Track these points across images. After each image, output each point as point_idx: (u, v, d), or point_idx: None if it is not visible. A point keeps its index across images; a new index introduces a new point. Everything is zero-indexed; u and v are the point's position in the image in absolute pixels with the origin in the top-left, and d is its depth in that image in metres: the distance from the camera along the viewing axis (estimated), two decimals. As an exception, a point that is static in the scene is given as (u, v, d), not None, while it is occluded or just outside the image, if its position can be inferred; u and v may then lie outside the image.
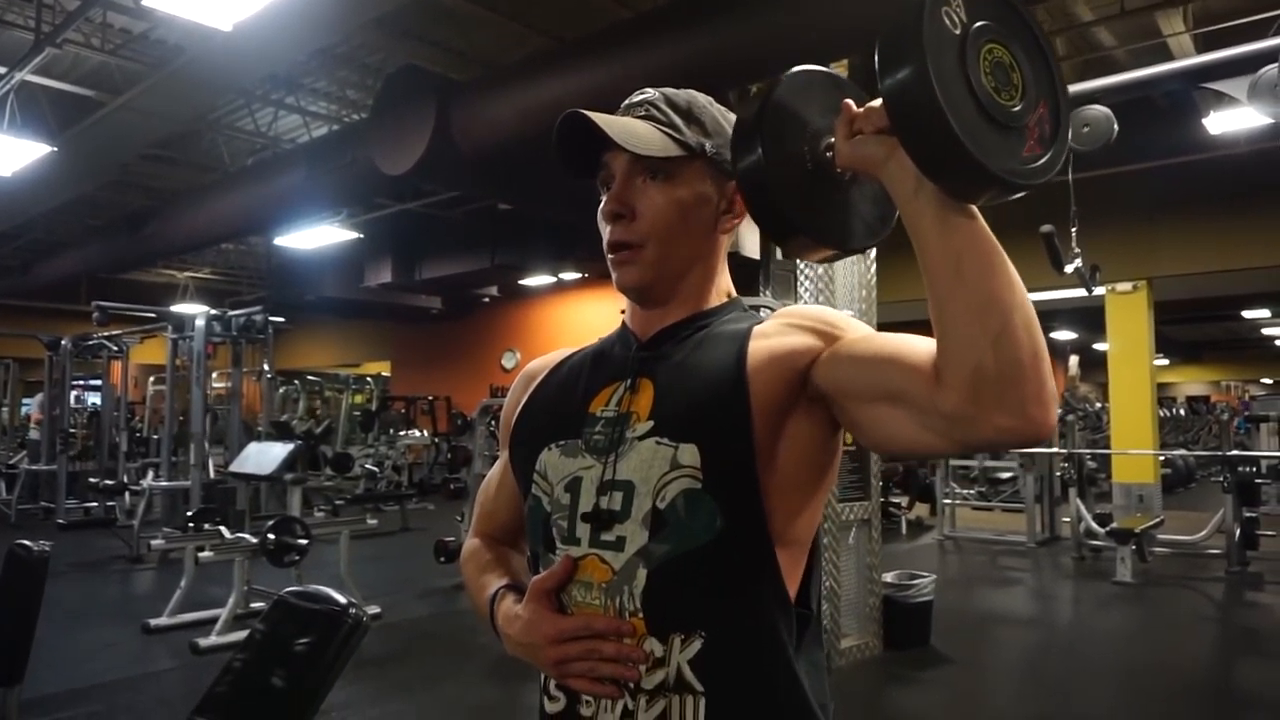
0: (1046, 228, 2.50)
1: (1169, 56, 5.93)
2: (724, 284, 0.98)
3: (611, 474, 0.86)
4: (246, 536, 4.78)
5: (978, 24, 0.72)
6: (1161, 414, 13.35)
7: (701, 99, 0.96)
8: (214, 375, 10.88)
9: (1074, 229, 2.54)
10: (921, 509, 9.26)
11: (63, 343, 9.57)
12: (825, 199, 0.83)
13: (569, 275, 11.56)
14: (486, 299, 13.44)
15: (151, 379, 11.95)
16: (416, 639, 4.81)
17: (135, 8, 5.16)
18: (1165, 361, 22.69)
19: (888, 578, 4.54)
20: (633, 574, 0.82)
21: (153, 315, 9.04)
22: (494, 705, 3.83)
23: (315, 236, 9.91)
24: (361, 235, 10.67)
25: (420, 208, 9.69)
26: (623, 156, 0.90)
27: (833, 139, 0.78)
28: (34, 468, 9.27)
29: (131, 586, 6.25)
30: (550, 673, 0.86)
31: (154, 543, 5.00)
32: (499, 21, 6.03)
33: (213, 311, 7.93)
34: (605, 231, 0.92)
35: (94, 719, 3.46)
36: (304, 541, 4.66)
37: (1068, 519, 7.45)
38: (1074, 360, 14.13)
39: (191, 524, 5.07)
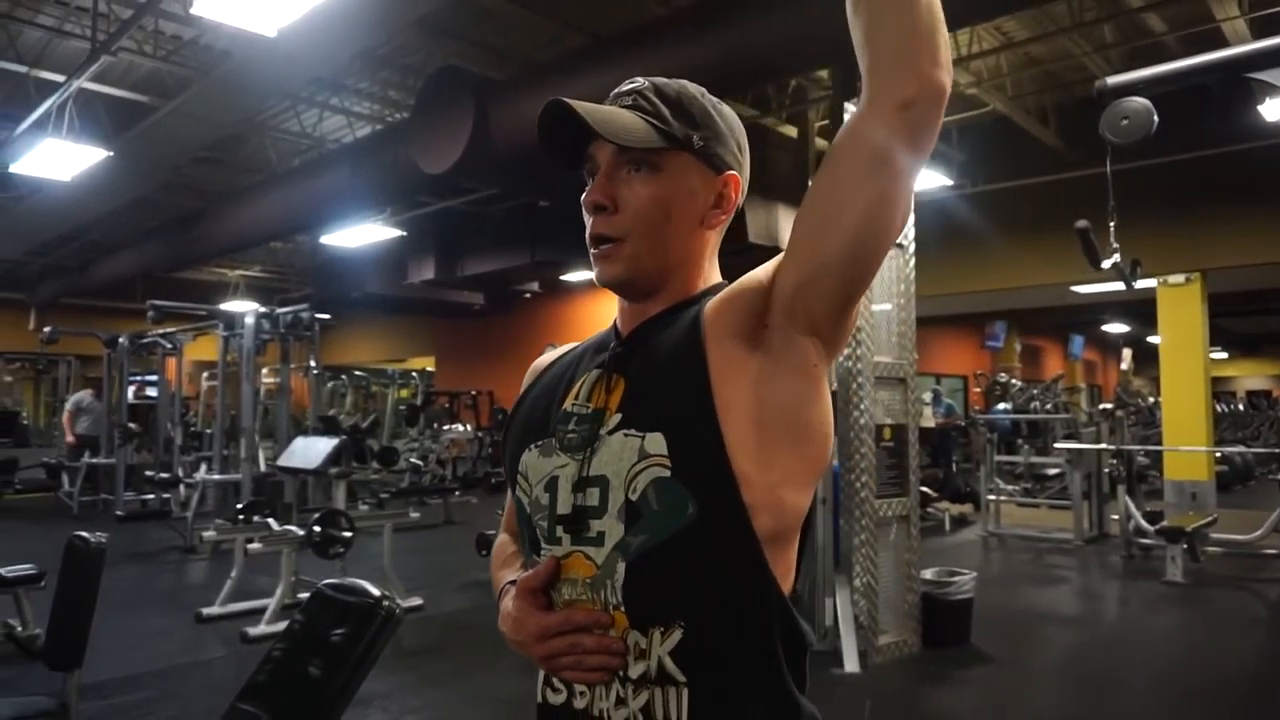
0: (1081, 223, 2.45)
1: (1223, 42, 5.76)
2: (711, 277, 0.95)
3: (586, 470, 0.85)
4: (293, 529, 4.91)
5: None
6: (1219, 409, 12.96)
7: (693, 89, 0.93)
8: (264, 371, 11.15)
9: (1112, 224, 2.49)
10: (964, 506, 9.12)
11: (120, 340, 9.87)
12: None
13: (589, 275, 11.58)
14: (528, 294, 13.56)
15: (205, 375, 12.27)
16: (456, 631, 4.89)
17: (185, 15, 5.30)
18: (1223, 355, 22.01)
19: (927, 574, 4.50)
20: (613, 568, 0.82)
21: (204, 313, 9.30)
22: (527, 699, 3.85)
23: (360, 234, 10.09)
24: (404, 233, 10.84)
25: (461, 205, 9.81)
26: (608, 147, 0.88)
27: None
28: (94, 461, 9.58)
29: (185, 576, 6.45)
30: (541, 667, 0.87)
31: (205, 534, 5.17)
32: (536, 20, 6.08)
33: (261, 309, 8.12)
34: (588, 223, 0.90)
35: (148, 704, 3.59)
36: (348, 534, 4.77)
37: (1116, 516, 7.30)
38: (1127, 353, 13.80)
39: (241, 516, 5.21)
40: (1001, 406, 11.89)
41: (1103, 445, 7.86)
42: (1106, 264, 2.49)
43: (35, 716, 2.43)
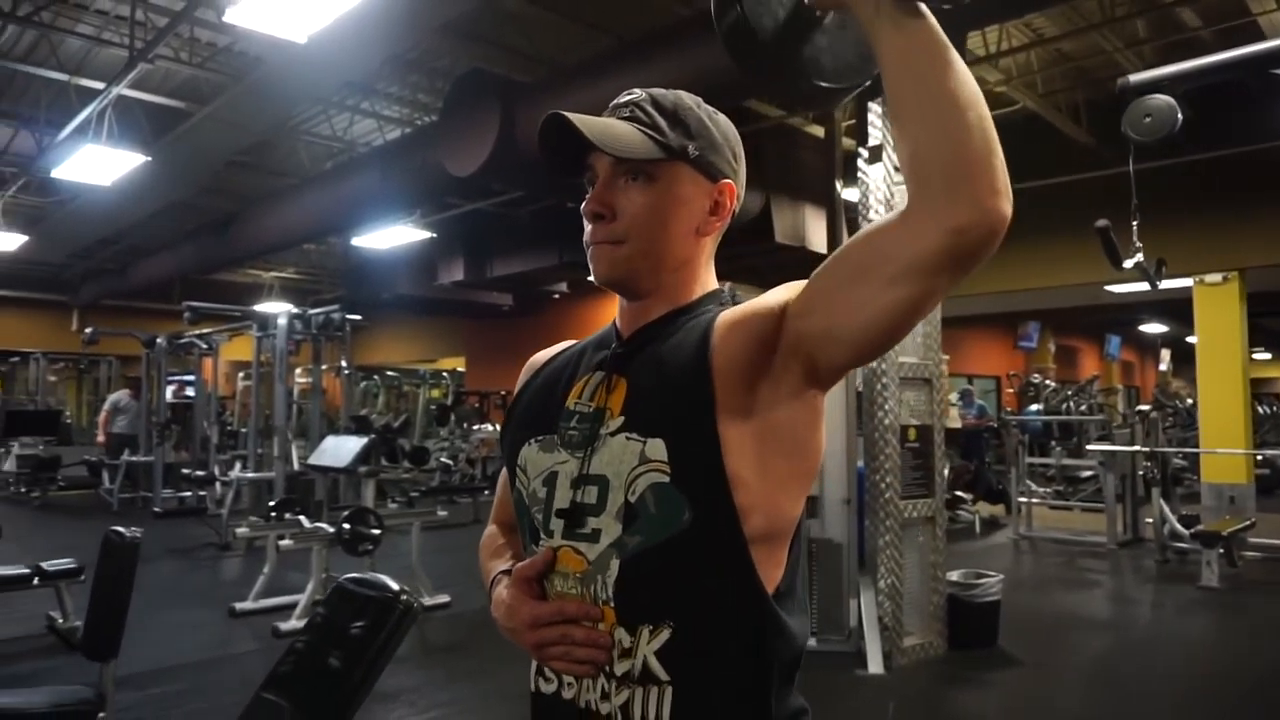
0: (1101, 222, 2.43)
1: (1260, 37, 5.65)
2: (707, 281, 0.97)
3: (586, 469, 0.88)
4: (324, 526, 4.99)
5: None
6: (1260, 410, 12.66)
7: (689, 100, 0.95)
8: (297, 371, 11.34)
9: (1135, 222, 2.46)
10: (996, 508, 9.02)
11: (158, 341, 10.09)
12: (803, 38, 0.86)
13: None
14: (556, 295, 13.63)
15: (240, 375, 12.50)
16: (483, 628, 4.94)
17: (219, 22, 5.42)
18: (1267, 356, 21.50)
19: (953, 576, 4.47)
20: (606, 564, 0.85)
21: (238, 314, 9.47)
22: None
23: (390, 236, 10.21)
24: (434, 234, 10.96)
25: (490, 207, 9.90)
26: (606, 158, 0.91)
27: None
28: (133, 459, 9.81)
29: (219, 572, 6.58)
30: (532, 655, 0.90)
31: (239, 530, 5.27)
32: (562, 23, 6.12)
33: (293, 310, 8.26)
34: (586, 231, 0.93)
35: (182, 695, 3.68)
36: (377, 531, 4.84)
37: (1151, 520, 7.18)
38: (1165, 354, 13.56)
39: (273, 514, 5.31)
40: (1034, 408, 11.73)
41: (1136, 447, 7.73)
42: (1128, 264, 2.46)
43: (74, 704, 2.51)
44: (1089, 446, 8.88)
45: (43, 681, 3.58)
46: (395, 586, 1.59)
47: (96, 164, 6.94)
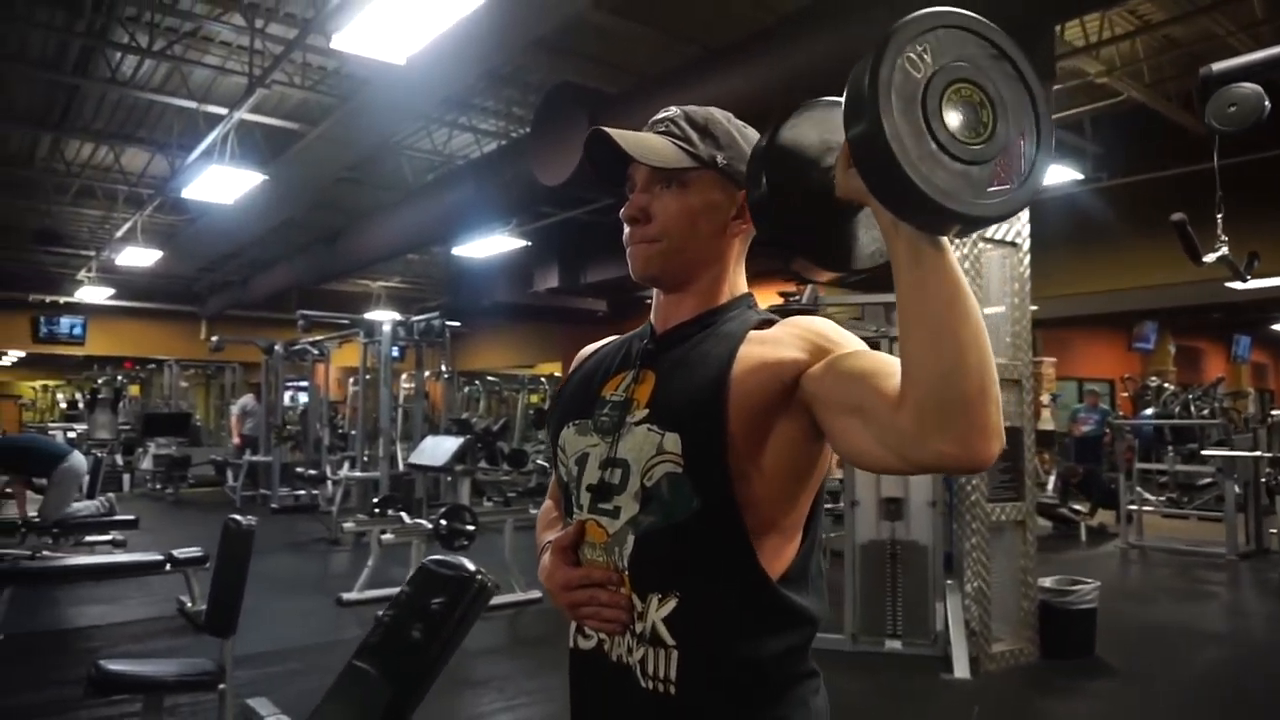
0: (1177, 216, 2.36)
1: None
2: (737, 283, 1.07)
3: (614, 452, 0.99)
4: (422, 522, 5.25)
5: (944, 66, 0.77)
6: None
7: (719, 115, 1.06)
8: (403, 376, 11.86)
9: (1219, 215, 2.38)
10: (1105, 515, 8.64)
11: (275, 348, 10.75)
12: (831, 224, 0.91)
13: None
14: (648, 301, 13.65)
15: (351, 380, 13.16)
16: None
17: (327, 48, 5.78)
18: None
19: (1046, 583, 4.34)
20: (624, 538, 0.97)
21: (346, 321, 10.00)
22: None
23: (488, 245, 10.57)
24: (529, 242, 11.26)
25: (583, 215, 10.12)
26: (643, 168, 1.02)
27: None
28: (253, 459, 10.48)
29: (329, 564, 6.98)
30: (566, 614, 1.02)
31: (345, 526, 5.61)
32: (647, 34, 6.25)
33: (397, 318, 8.67)
34: (625, 233, 1.05)
35: (294, 675, 3.96)
36: (471, 528, 5.07)
37: (1277, 530, 6.75)
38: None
39: (376, 510, 5.62)
40: (1148, 412, 11.16)
41: (1258, 452, 7.27)
42: (1209, 258, 2.39)
43: (198, 675, 2.77)
44: (1205, 451, 8.39)
45: (173, 658, 3.91)
46: (471, 567, 1.73)
47: (220, 184, 7.49)
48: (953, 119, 0.76)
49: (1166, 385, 13.45)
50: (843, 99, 0.78)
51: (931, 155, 0.74)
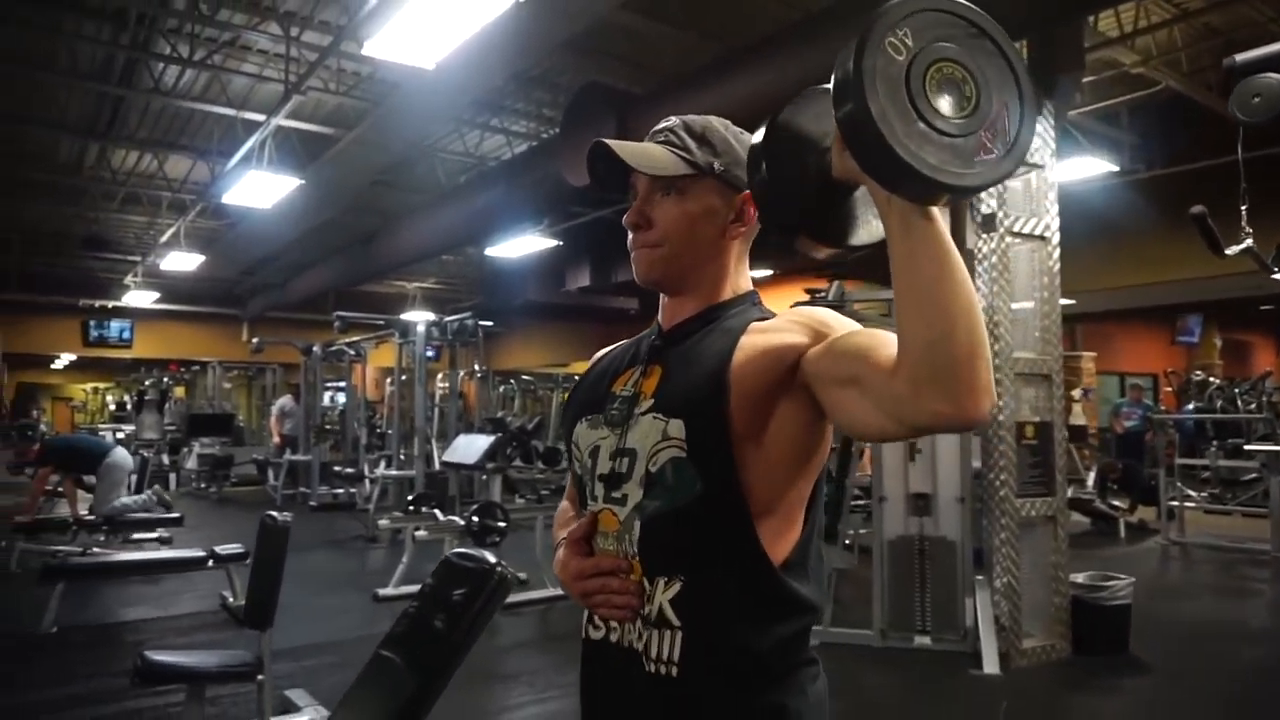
0: (1197, 209, 2.34)
1: None
2: (740, 282, 1.11)
3: (623, 443, 1.04)
4: (455, 519, 5.35)
5: (925, 47, 0.81)
6: None
7: (716, 123, 1.10)
8: (439, 376, 12.02)
9: (1244, 206, 2.36)
10: (1146, 512, 8.48)
11: (314, 349, 10.96)
12: (830, 203, 0.95)
13: (758, 274, 11.64)
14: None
15: (388, 379, 13.36)
16: (603, 618, 5.16)
17: (360, 54, 5.90)
18: None
19: (1078, 578, 4.30)
20: (632, 525, 1.01)
21: (382, 322, 10.16)
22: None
23: (520, 245, 10.68)
24: (561, 242, 11.35)
25: (613, 214, 10.18)
26: (644, 176, 1.06)
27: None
28: (293, 458, 10.70)
29: (366, 561, 7.11)
30: (579, 604, 1.06)
31: (381, 523, 5.72)
32: (674, 34, 6.28)
33: (430, 318, 8.80)
34: (628, 240, 1.09)
35: (330, 667, 4.06)
36: (502, 524, 5.15)
37: (1323, 527, 6.58)
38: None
39: (411, 508, 5.73)
40: (1190, 406, 10.94)
41: (1304, 447, 7.10)
42: (1231, 251, 2.36)
43: (237, 666, 2.87)
44: (1249, 446, 8.20)
45: (215, 650, 4.04)
46: (492, 559, 1.78)
47: (259, 188, 7.67)
48: (937, 96, 0.80)
49: (1212, 379, 13.14)
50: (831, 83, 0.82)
51: (919, 132, 0.78)
